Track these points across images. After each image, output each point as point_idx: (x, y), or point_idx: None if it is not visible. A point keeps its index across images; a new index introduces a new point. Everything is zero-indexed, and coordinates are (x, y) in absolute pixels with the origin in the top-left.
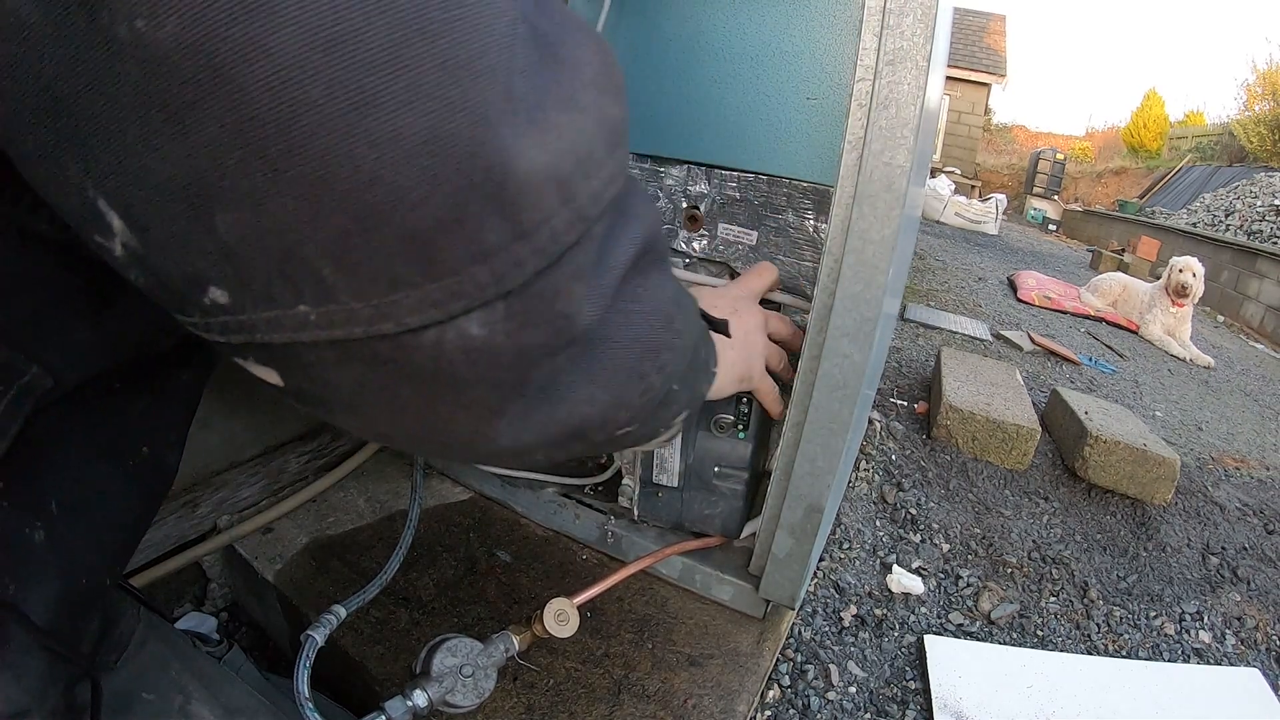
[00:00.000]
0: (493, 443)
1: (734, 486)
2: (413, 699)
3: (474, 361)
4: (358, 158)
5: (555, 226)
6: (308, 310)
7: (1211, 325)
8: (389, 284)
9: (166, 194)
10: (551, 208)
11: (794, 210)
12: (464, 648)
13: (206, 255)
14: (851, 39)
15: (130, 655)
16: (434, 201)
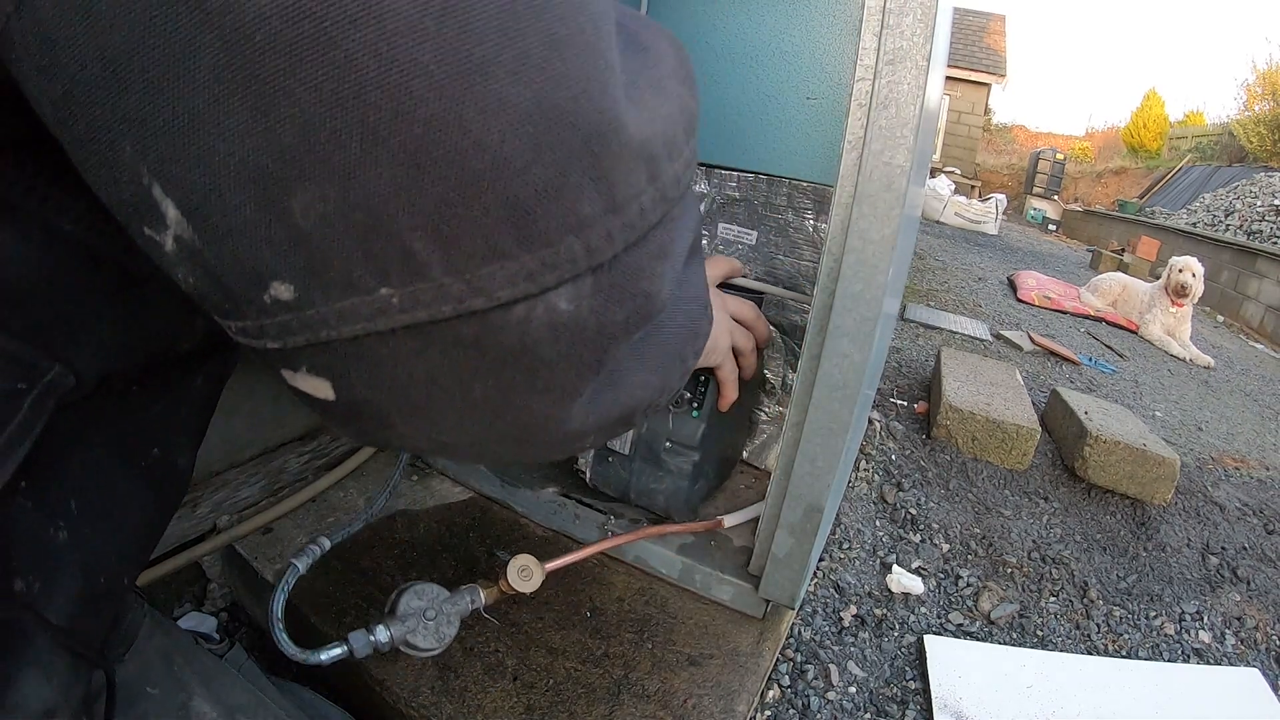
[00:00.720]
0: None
1: (682, 465)
2: (375, 634)
3: (558, 338)
4: (466, 122)
5: (644, 203)
6: (390, 293)
7: (1211, 325)
8: (485, 255)
9: (235, 178)
10: (641, 184)
11: (793, 210)
12: (430, 592)
13: (274, 245)
14: (851, 39)
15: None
16: (537, 169)
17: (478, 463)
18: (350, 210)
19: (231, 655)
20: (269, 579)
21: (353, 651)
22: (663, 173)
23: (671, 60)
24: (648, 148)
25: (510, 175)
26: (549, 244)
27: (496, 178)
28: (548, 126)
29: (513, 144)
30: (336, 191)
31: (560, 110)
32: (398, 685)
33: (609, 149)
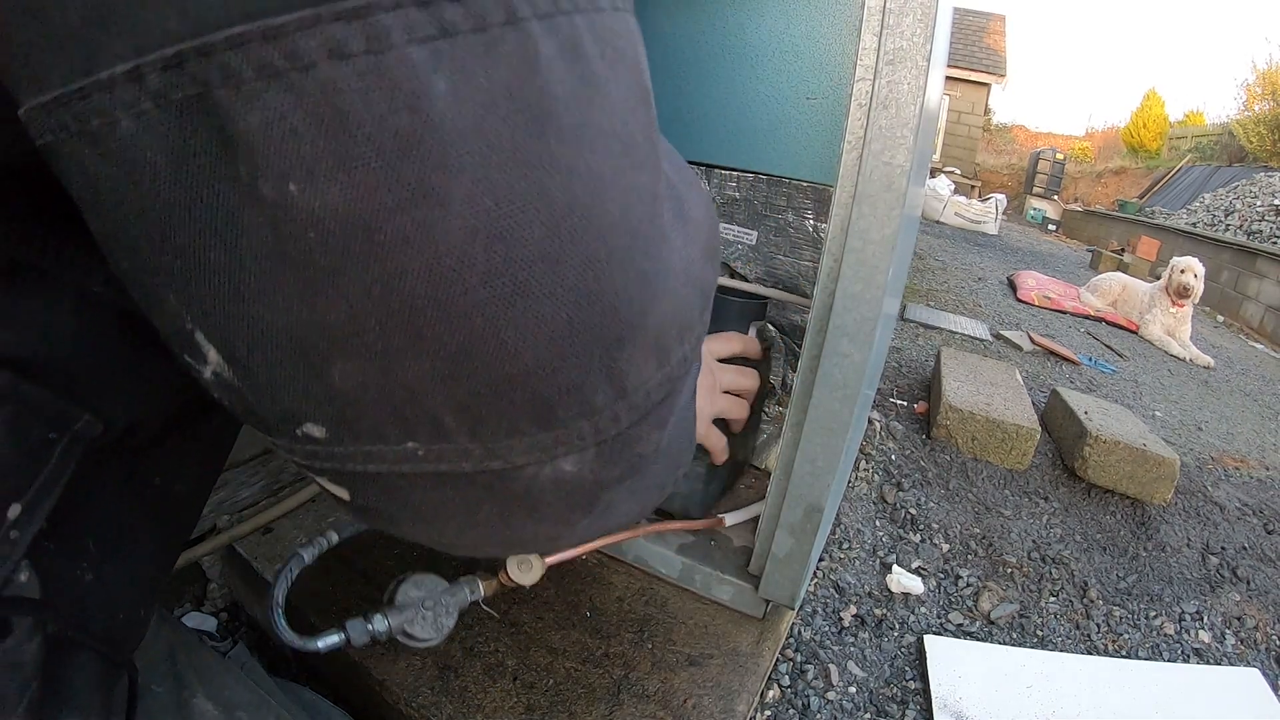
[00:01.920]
0: (553, 542)
1: (697, 469)
2: (372, 623)
3: (559, 489)
4: (503, 337)
5: (649, 388)
6: (416, 447)
7: (1211, 325)
8: (507, 432)
9: (277, 341)
10: (650, 373)
11: (793, 210)
12: (429, 582)
13: (311, 398)
14: (851, 38)
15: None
16: (562, 373)
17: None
18: (388, 386)
19: (235, 653)
20: (269, 579)
21: (350, 639)
22: (671, 357)
23: (704, 233)
24: (662, 340)
25: (537, 379)
26: (563, 425)
27: (525, 381)
28: (576, 341)
29: (544, 356)
30: (376, 370)
31: (589, 326)
32: (398, 685)
33: (624, 352)
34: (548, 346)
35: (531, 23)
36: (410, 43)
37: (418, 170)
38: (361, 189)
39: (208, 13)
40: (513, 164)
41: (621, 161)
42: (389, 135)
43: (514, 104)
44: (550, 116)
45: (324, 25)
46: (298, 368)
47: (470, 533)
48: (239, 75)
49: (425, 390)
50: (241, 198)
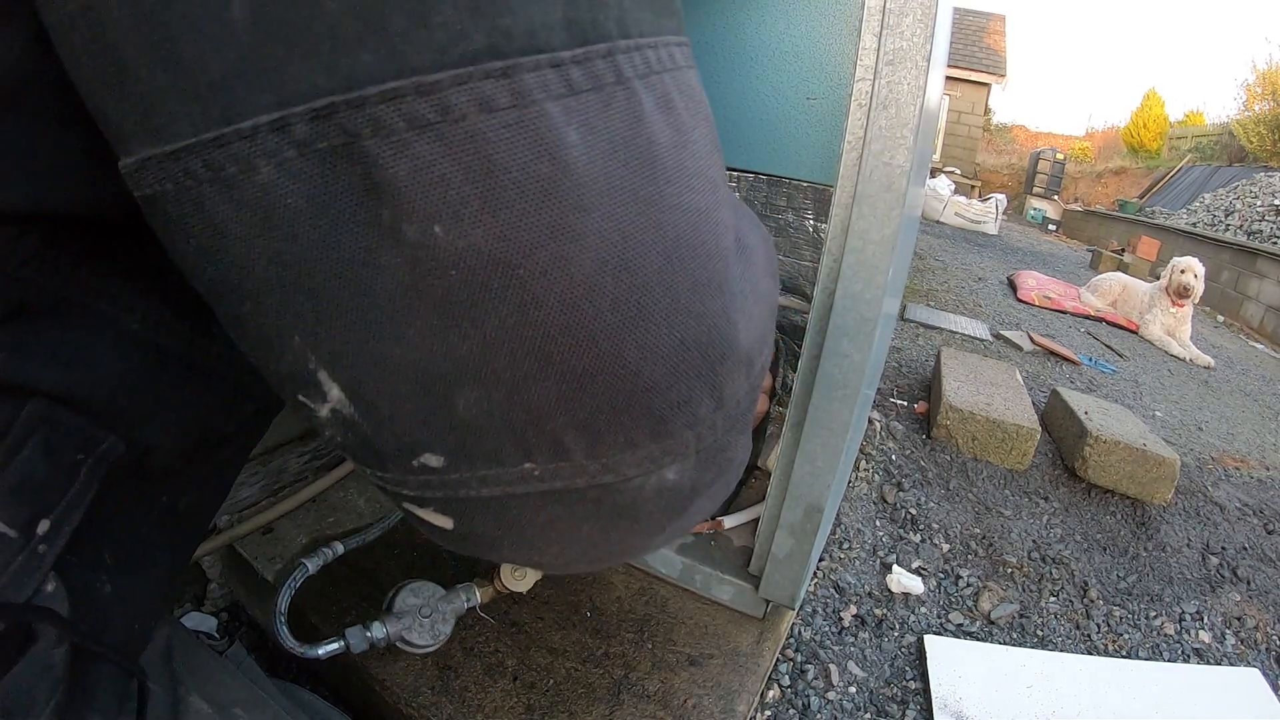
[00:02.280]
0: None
1: None
2: (371, 630)
3: (661, 497)
4: (626, 358)
5: (739, 397)
6: (533, 467)
7: (1211, 325)
8: (623, 446)
9: (405, 376)
10: (740, 384)
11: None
12: (426, 590)
13: (433, 428)
14: (851, 39)
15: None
16: (674, 390)
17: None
18: (512, 410)
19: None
20: (269, 579)
21: (349, 647)
22: (754, 367)
23: (763, 257)
24: (749, 355)
25: (654, 395)
26: (672, 436)
27: (643, 397)
28: (687, 358)
29: (661, 373)
30: (503, 396)
31: (698, 344)
32: (398, 685)
33: (725, 366)
34: (664, 364)
35: (634, 82)
36: (548, 99)
37: (556, 210)
38: (506, 228)
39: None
40: (633, 203)
41: (710, 198)
42: (531, 180)
43: (629, 151)
44: (657, 161)
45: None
46: (423, 400)
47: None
48: (389, 126)
49: (549, 412)
50: (382, 240)
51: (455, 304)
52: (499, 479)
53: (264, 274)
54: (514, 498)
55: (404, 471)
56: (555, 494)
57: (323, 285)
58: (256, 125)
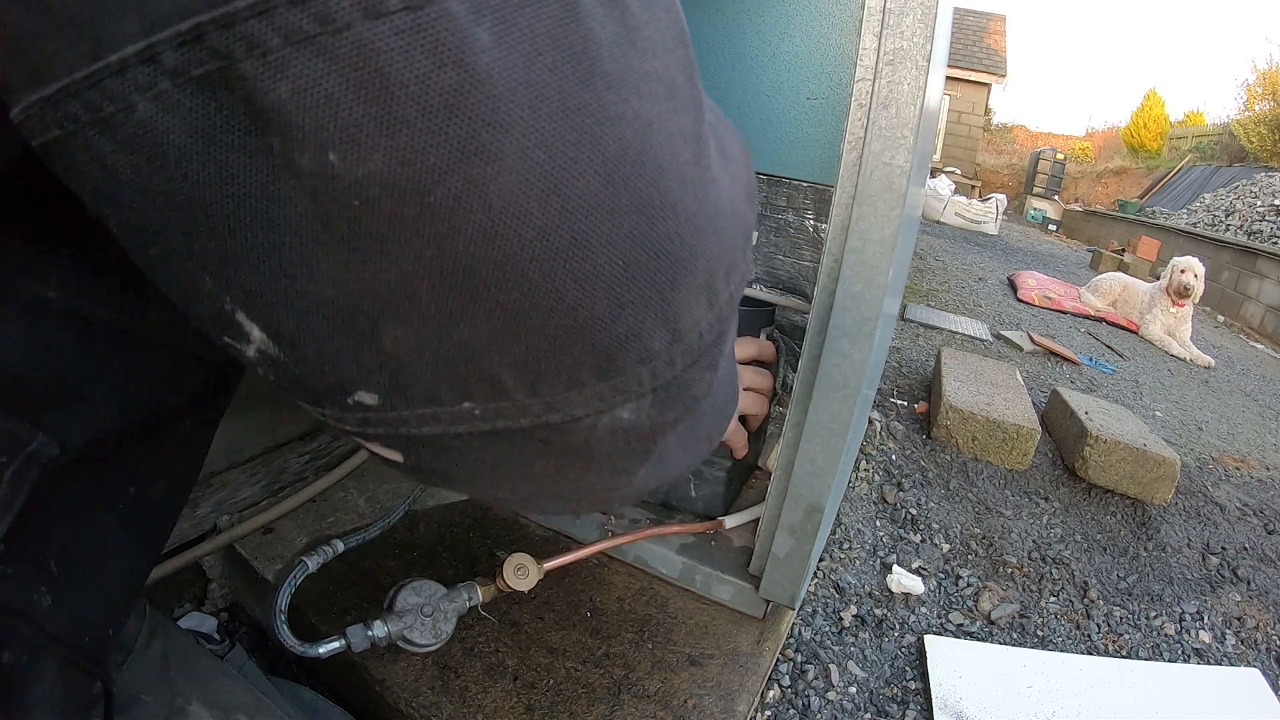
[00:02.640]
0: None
1: (716, 473)
2: (372, 629)
3: (616, 437)
4: (562, 290)
5: (701, 329)
6: (473, 407)
7: (1211, 325)
8: (567, 385)
9: (325, 314)
10: (701, 314)
11: (794, 210)
12: (428, 589)
13: (362, 366)
14: (851, 39)
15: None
16: (620, 322)
17: (527, 512)
18: (442, 348)
19: (232, 656)
20: (269, 579)
21: (350, 646)
22: (720, 297)
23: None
24: (711, 280)
25: (597, 329)
26: (622, 373)
27: (585, 332)
28: (633, 288)
29: (603, 306)
30: (430, 334)
31: (645, 272)
32: (398, 685)
33: (678, 295)
34: (606, 296)
35: None
36: None
37: (467, 128)
38: (408, 152)
39: None
40: (562, 114)
41: (666, 105)
42: (434, 94)
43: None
44: (595, 63)
45: None
46: (347, 338)
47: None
48: (264, 44)
49: (482, 350)
50: (276, 172)
51: (364, 237)
52: (438, 418)
53: (162, 216)
54: (457, 436)
55: (340, 410)
56: (499, 433)
57: (222, 224)
58: (124, 59)
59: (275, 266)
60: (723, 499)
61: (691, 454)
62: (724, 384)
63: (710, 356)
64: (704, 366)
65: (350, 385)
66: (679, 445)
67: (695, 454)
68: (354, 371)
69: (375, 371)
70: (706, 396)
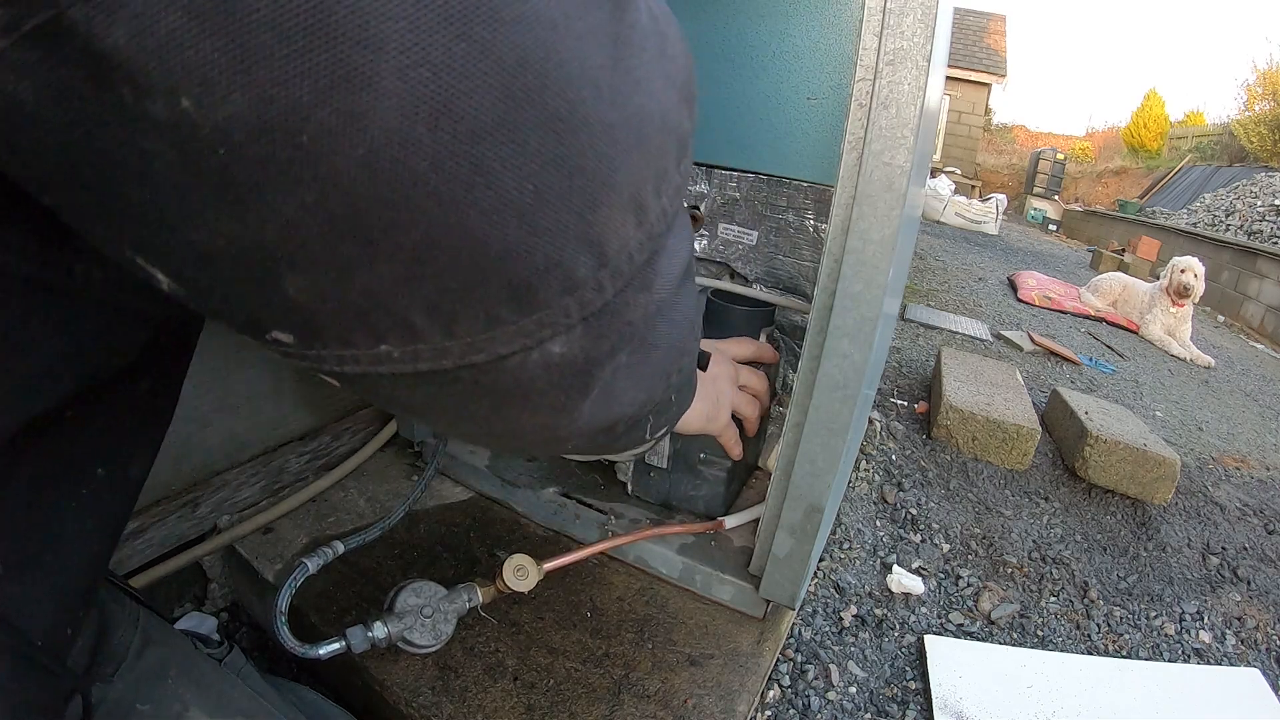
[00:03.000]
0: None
1: (717, 473)
2: (372, 630)
3: (550, 373)
4: (468, 224)
5: (631, 250)
6: (390, 349)
7: (1212, 325)
8: (485, 324)
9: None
10: (629, 233)
11: (794, 210)
12: (428, 590)
13: (270, 308)
14: (851, 39)
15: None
16: (537, 253)
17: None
18: (346, 294)
19: (230, 659)
20: (269, 579)
21: (350, 647)
22: (649, 213)
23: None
24: (638, 195)
25: (509, 263)
26: (546, 306)
27: (497, 266)
28: (546, 212)
29: (514, 235)
30: (331, 280)
31: (558, 192)
32: (398, 685)
33: (600, 214)
34: (517, 225)
35: None
36: None
37: (332, 52)
38: (269, 87)
39: None
40: (445, 23)
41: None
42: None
43: None
44: None
45: None
46: (248, 284)
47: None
48: None
49: (388, 295)
50: (134, 124)
51: (239, 186)
52: (356, 359)
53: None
54: (381, 376)
55: (262, 344)
56: (423, 375)
57: (95, 179)
58: None
59: (158, 218)
60: (723, 499)
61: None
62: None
63: (644, 278)
64: (637, 289)
65: (264, 324)
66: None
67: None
68: (264, 314)
69: (284, 315)
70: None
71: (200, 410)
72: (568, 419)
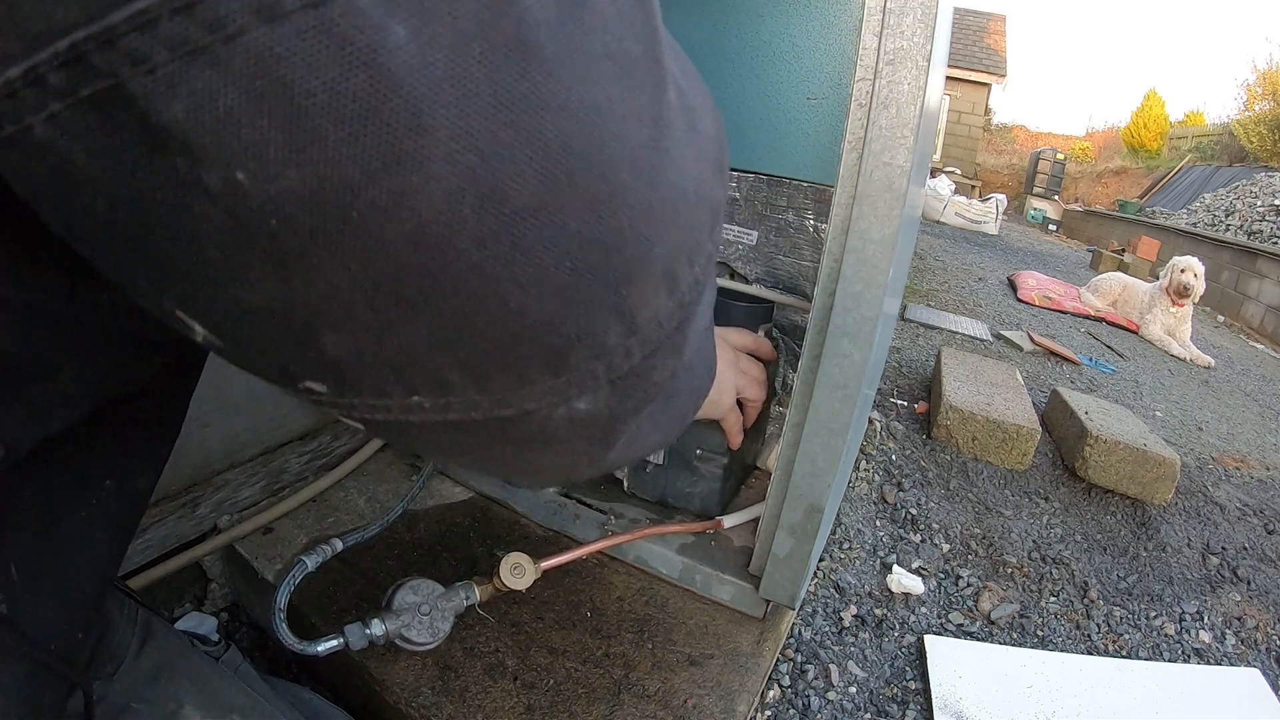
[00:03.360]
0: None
1: (713, 470)
2: (370, 627)
3: (575, 426)
4: (505, 296)
5: (661, 319)
6: (421, 400)
7: (1211, 325)
8: (516, 383)
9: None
10: (660, 303)
11: (794, 210)
12: (426, 588)
13: (304, 364)
14: (851, 39)
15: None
16: (570, 322)
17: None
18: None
19: (227, 657)
20: (269, 579)
21: (348, 644)
22: (682, 284)
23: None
24: (672, 268)
25: (545, 331)
26: (575, 369)
27: (532, 334)
28: (582, 287)
29: (550, 308)
30: (370, 340)
31: (595, 268)
32: (398, 685)
33: (634, 288)
34: (553, 299)
35: None
36: None
37: (385, 136)
38: (321, 166)
39: None
40: (494, 110)
41: (618, 87)
42: (346, 102)
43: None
44: (533, 48)
45: None
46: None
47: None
48: (151, 58)
49: (425, 354)
50: (186, 190)
51: (287, 252)
52: (388, 408)
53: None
54: (410, 424)
55: (294, 392)
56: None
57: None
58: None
59: (202, 276)
60: (719, 496)
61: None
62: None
63: (673, 343)
64: (666, 354)
65: (298, 376)
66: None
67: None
68: (298, 367)
69: (319, 369)
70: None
71: (200, 410)
72: (589, 462)
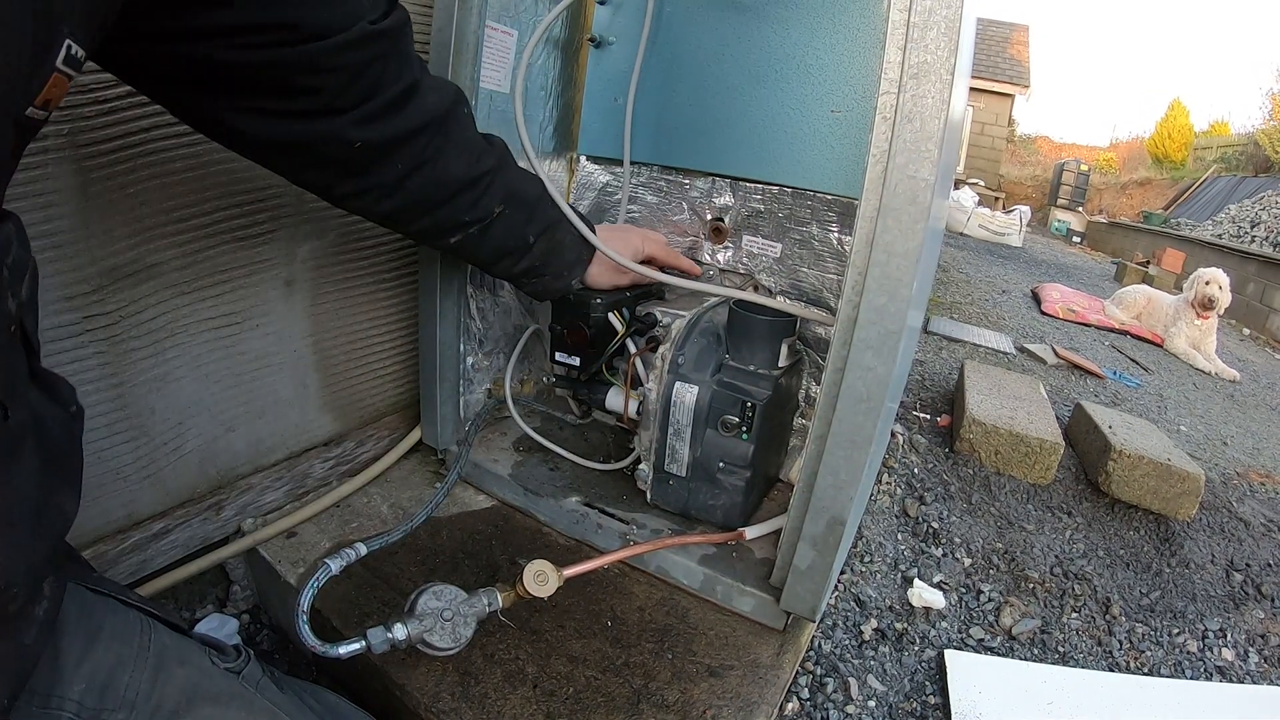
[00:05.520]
0: None
1: (735, 482)
2: (393, 631)
3: None
4: None
5: None
6: None
7: (1237, 338)
8: None
9: None
10: None
11: (818, 223)
12: (449, 594)
13: None
14: (876, 52)
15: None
16: None
17: None
18: None
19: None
20: (292, 582)
21: (370, 647)
22: None
23: None
24: None
25: None
26: None
27: None
28: None
29: None
30: None
31: None
32: (418, 690)
33: None
34: None
35: None
36: None
37: None
38: None
39: None
40: None
41: None
42: None
43: None
44: None
45: None
46: None
47: None
48: None
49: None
50: None
51: None
52: None
53: None
54: None
55: None
56: None
57: None
58: None
59: None
60: (741, 508)
61: None
62: None
63: None
64: None
65: None
66: None
67: None
68: None
69: None
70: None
71: (226, 414)
72: None
